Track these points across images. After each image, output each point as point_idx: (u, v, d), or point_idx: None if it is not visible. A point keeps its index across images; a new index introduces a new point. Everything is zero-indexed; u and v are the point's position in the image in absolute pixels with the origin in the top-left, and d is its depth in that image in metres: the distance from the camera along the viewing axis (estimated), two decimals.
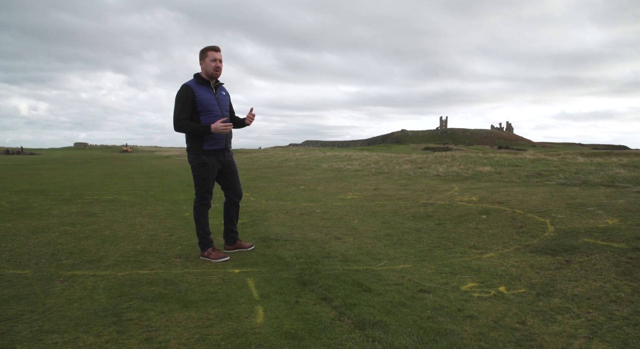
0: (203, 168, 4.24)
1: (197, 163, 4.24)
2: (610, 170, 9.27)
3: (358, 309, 2.99)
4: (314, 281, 3.59)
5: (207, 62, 4.19)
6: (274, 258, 4.33)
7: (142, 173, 18.42)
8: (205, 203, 4.36)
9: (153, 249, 4.59)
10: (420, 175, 12.29)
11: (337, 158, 24.88)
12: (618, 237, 4.40)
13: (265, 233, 5.52)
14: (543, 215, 5.68)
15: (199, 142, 4.20)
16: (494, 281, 3.54)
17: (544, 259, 4.04)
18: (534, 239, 4.73)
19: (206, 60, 4.19)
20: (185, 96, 4.10)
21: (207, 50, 4.20)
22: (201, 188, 4.30)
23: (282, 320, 2.81)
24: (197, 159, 4.23)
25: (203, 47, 4.24)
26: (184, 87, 4.14)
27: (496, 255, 4.30)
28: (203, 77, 4.25)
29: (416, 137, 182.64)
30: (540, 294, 3.23)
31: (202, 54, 4.22)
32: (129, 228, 5.71)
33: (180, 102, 4.10)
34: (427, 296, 3.26)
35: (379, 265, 4.11)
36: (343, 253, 4.51)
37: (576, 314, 2.86)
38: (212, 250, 4.32)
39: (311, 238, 5.23)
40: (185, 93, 4.10)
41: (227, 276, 3.73)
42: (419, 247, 4.72)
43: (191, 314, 2.84)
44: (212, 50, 4.20)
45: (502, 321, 2.80)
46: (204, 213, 4.36)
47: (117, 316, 2.77)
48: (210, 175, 4.29)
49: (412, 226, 5.77)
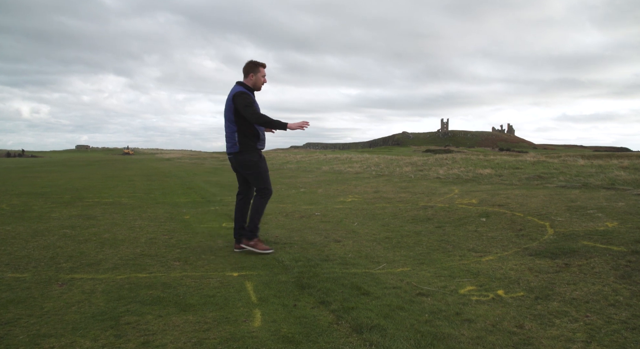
0: (261, 163, 4.73)
1: (256, 160, 4.67)
2: (611, 173, 9.26)
3: (356, 312, 2.98)
4: (312, 284, 3.59)
5: (259, 77, 4.70)
6: (273, 261, 4.33)
7: (143, 176, 18.44)
8: (269, 194, 4.84)
9: (152, 252, 4.59)
10: (420, 177, 12.29)
11: (338, 161, 24.89)
12: (617, 240, 4.40)
13: (264, 236, 5.51)
14: (543, 218, 5.67)
15: (254, 141, 4.65)
16: (492, 285, 3.54)
17: (543, 262, 4.03)
18: (533, 242, 4.73)
19: (258, 75, 4.69)
20: (250, 99, 4.58)
21: (259, 66, 4.70)
22: (266, 182, 4.77)
23: (279, 324, 2.80)
24: (254, 156, 4.65)
25: (254, 61, 4.71)
26: (245, 93, 4.58)
27: (495, 258, 4.30)
28: (249, 86, 4.70)
29: (417, 139, 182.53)
30: (539, 298, 3.22)
31: (255, 68, 4.69)
32: (129, 231, 5.71)
33: (253, 103, 4.57)
34: (425, 299, 3.26)
35: (377, 268, 4.10)
36: (342, 256, 4.51)
37: (574, 318, 2.86)
38: (259, 240, 4.71)
39: (310, 241, 5.23)
40: (250, 97, 4.59)
41: (226, 279, 3.73)
42: (418, 250, 4.72)
43: (189, 318, 2.84)
44: (263, 67, 4.73)
45: (500, 324, 2.79)
46: (265, 205, 4.85)
47: (115, 320, 2.77)
48: (267, 167, 4.81)
49: (412, 229, 5.77)
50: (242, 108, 4.48)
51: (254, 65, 4.69)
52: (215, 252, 4.67)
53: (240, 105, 4.49)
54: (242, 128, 4.59)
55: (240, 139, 4.60)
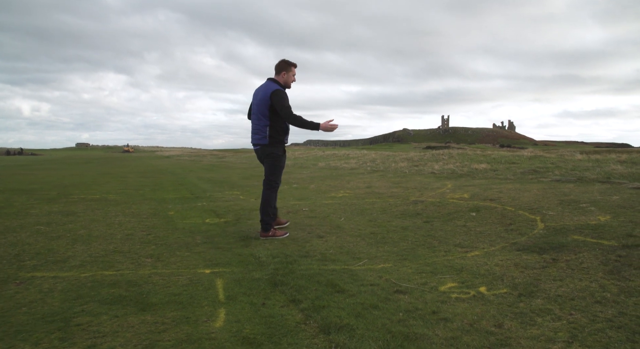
0: (283, 157, 5.13)
1: (280, 154, 5.05)
2: (607, 167, 9.07)
3: (326, 311, 2.82)
4: (285, 281, 3.42)
5: (290, 76, 5.05)
6: (250, 257, 4.16)
7: (138, 173, 18.28)
8: (276, 187, 5.16)
9: (125, 249, 4.42)
10: (415, 172, 12.10)
11: (336, 157, 24.73)
12: (609, 234, 4.22)
13: (246, 232, 5.35)
14: (534, 212, 5.50)
15: (282, 136, 5.01)
16: (475, 281, 3.36)
17: (530, 257, 3.85)
18: (522, 237, 4.55)
19: (289, 74, 5.04)
20: (287, 96, 4.92)
21: (291, 65, 5.06)
22: (277, 176, 5.12)
23: (243, 324, 2.64)
24: (279, 150, 5.03)
25: (287, 60, 5.04)
26: (283, 91, 4.91)
27: (481, 253, 4.12)
28: (281, 83, 5.03)
29: (418, 135, 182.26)
30: (522, 295, 3.05)
31: (287, 67, 5.03)
32: (106, 227, 5.54)
33: (287, 101, 4.87)
34: (402, 297, 3.08)
35: (357, 264, 3.93)
36: (322, 252, 4.33)
37: (558, 316, 2.68)
38: (275, 230, 5.07)
39: (292, 236, 5.05)
40: (286, 95, 4.91)
41: (196, 276, 3.56)
42: (403, 246, 4.54)
43: (146, 318, 2.67)
44: (294, 66, 5.09)
45: (478, 324, 2.62)
46: (274, 196, 5.16)
47: (65, 321, 2.60)
48: (284, 163, 5.21)
49: (399, 224, 5.60)
50: (279, 107, 4.78)
51: (287, 65, 5.03)
52: (191, 248, 4.50)
53: (278, 104, 4.78)
54: (275, 123, 4.92)
55: (270, 133, 4.93)
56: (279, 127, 4.96)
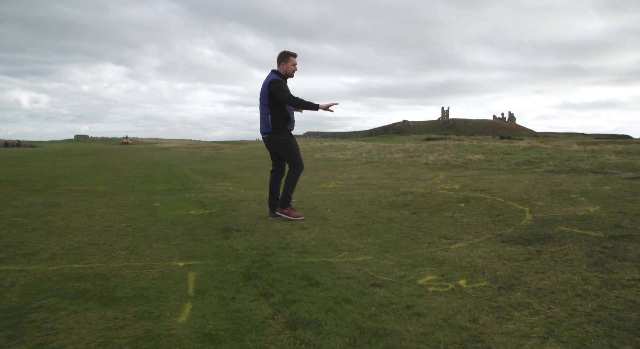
0: (292, 141, 5.36)
1: (287, 139, 5.31)
2: (602, 157, 8.94)
3: (297, 306, 2.71)
4: (260, 274, 3.31)
5: (289, 65, 5.27)
6: (227, 249, 4.05)
7: (132, 165, 18.16)
8: (301, 169, 5.46)
9: (101, 241, 4.31)
10: (409, 163, 11.98)
11: (332, 148, 24.60)
12: (596, 225, 4.11)
13: (228, 223, 5.23)
14: (523, 203, 5.38)
15: (284, 123, 5.28)
16: (455, 274, 3.25)
17: (514, 249, 3.74)
18: (508, 228, 4.44)
19: (288, 64, 5.26)
20: (285, 85, 5.20)
21: (289, 56, 5.27)
22: (297, 158, 5.40)
23: (207, 319, 2.53)
24: (285, 136, 5.29)
25: (285, 51, 5.28)
26: (280, 81, 5.16)
27: (465, 245, 4.01)
28: (282, 74, 5.28)
29: (418, 127, 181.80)
30: (502, 288, 2.94)
31: (285, 57, 5.27)
32: (87, 219, 5.43)
33: (286, 89, 5.17)
34: (378, 291, 2.98)
35: (337, 256, 3.82)
36: (303, 244, 4.23)
37: (536, 310, 2.57)
38: (291, 208, 5.39)
39: (275, 228, 4.94)
40: (283, 84, 5.16)
41: (169, 269, 3.46)
42: (387, 237, 4.43)
43: (106, 314, 2.56)
44: (294, 56, 5.30)
45: (452, 319, 2.51)
46: (297, 179, 5.46)
47: (19, 318, 2.49)
48: (297, 145, 5.48)
49: (386, 215, 5.48)
50: (276, 93, 5.08)
51: (285, 55, 5.26)
52: (169, 240, 4.39)
53: (276, 92, 5.08)
54: (275, 111, 5.21)
55: (273, 120, 5.22)
56: (280, 114, 5.23)
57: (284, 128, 5.29)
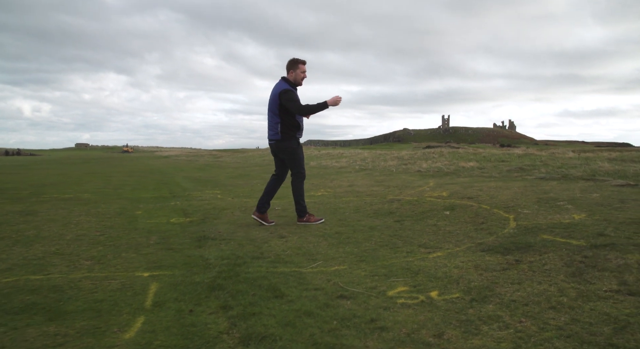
0: (299, 149, 5.43)
1: (295, 147, 5.37)
2: (595, 164, 8.81)
3: (255, 319, 2.57)
4: (225, 286, 3.18)
5: (298, 73, 5.29)
6: (198, 259, 3.91)
7: (127, 172, 18.06)
8: (303, 177, 5.54)
9: (68, 250, 4.18)
10: (402, 171, 11.85)
11: (329, 156, 24.50)
12: (579, 233, 3.97)
13: (206, 231, 5.10)
14: (509, 211, 5.25)
15: (294, 132, 5.33)
16: (428, 285, 3.11)
17: (492, 259, 3.60)
18: (490, 236, 4.30)
19: (297, 71, 5.28)
20: (296, 95, 5.23)
21: (299, 63, 5.28)
22: (300, 167, 5.47)
23: (157, 335, 2.39)
24: (293, 144, 5.36)
25: (294, 58, 5.28)
26: (290, 90, 5.19)
27: (444, 254, 3.87)
28: (291, 81, 5.30)
29: (418, 135, 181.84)
30: (475, 300, 2.80)
31: (294, 65, 5.28)
32: (61, 227, 5.30)
33: (296, 98, 5.21)
34: (344, 303, 2.84)
35: (310, 266, 3.68)
36: (278, 253, 4.09)
37: (506, 324, 2.43)
38: (309, 215, 5.48)
39: (252, 237, 4.81)
40: (293, 93, 5.20)
41: (131, 280, 3.32)
42: (365, 246, 4.29)
43: (49, 330, 2.42)
44: (303, 63, 5.31)
45: (416, 333, 2.37)
46: (303, 186, 5.54)
47: None
48: (303, 154, 5.50)
49: (368, 223, 5.34)
50: (287, 104, 5.12)
51: (294, 63, 5.27)
52: (140, 250, 4.25)
53: (286, 101, 5.12)
54: (285, 120, 5.24)
55: (282, 129, 5.26)
56: (290, 123, 5.26)
57: (293, 137, 5.34)
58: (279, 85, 5.27)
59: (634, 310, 2.46)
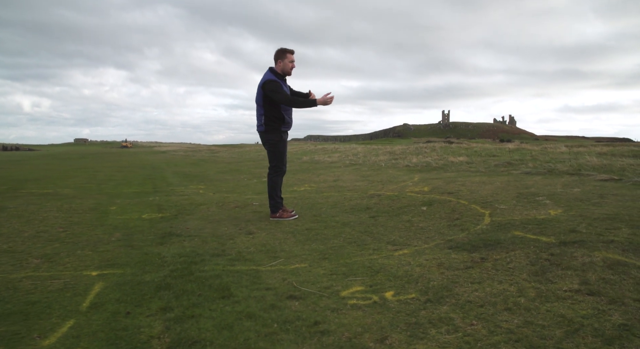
0: (281, 143, 5.27)
1: (277, 140, 5.22)
2: (583, 158, 8.64)
3: (192, 322, 2.42)
4: (173, 285, 3.03)
5: (286, 63, 5.10)
6: (155, 257, 3.76)
7: (117, 167, 17.89)
8: (280, 172, 5.36)
9: (20, 248, 4.03)
10: (390, 166, 11.69)
11: (324, 151, 24.31)
12: (551, 230, 3.82)
13: (174, 228, 4.95)
14: (486, 206, 5.09)
15: (279, 124, 5.17)
16: (385, 285, 2.96)
17: (458, 256, 3.45)
18: (462, 233, 4.15)
19: (285, 61, 5.10)
20: (280, 86, 5.00)
21: (286, 52, 5.09)
22: (279, 161, 5.30)
23: (81, 340, 2.24)
24: (277, 137, 5.21)
25: (282, 48, 5.09)
26: (274, 81, 5.00)
27: (410, 251, 3.72)
28: (279, 72, 5.13)
29: (418, 130, 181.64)
30: (429, 301, 2.65)
31: (282, 54, 5.09)
32: (23, 224, 5.14)
33: (281, 90, 5.00)
34: (292, 304, 2.69)
35: (269, 264, 3.53)
36: (240, 251, 3.94)
37: (456, 327, 2.28)
38: (283, 210, 5.32)
39: (220, 233, 4.66)
40: (278, 84, 4.99)
41: (76, 280, 3.17)
42: (332, 243, 4.14)
43: None
44: (291, 53, 5.13)
45: (358, 338, 2.22)
46: (279, 181, 5.36)
47: None
48: (285, 149, 5.37)
49: (342, 219, 5.19)
50: (271, 95, 4.96)
51: (282, 52, 5.09)
52: (98, 247, 4.11)
53: (270, 92, 4.96)
54: (269, 112, 5.10)
55: (266, 121, 5.13)
56: (273, 115, 5.12)
57: (277, 129, 5.21)
58: (265, 76, 5.13)
59: (590, 311, 2.31)
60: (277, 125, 5.20)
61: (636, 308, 2.31)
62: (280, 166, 5.36)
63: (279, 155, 5.33)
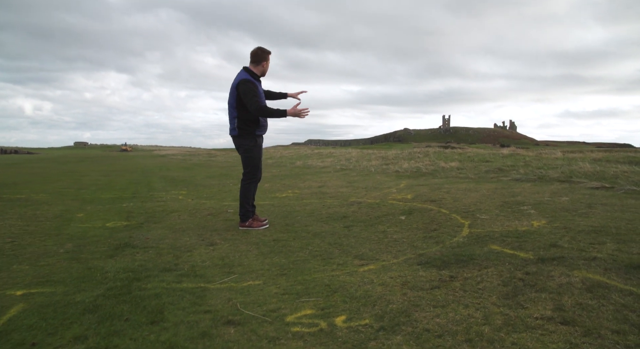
0: (255, 149, 4.97)
1: (251, 146, 4.91)
2: (576, 165, 8.31)
3: None
4: (101, 307, 2.71)
5: (265, 64, 4.86)
6: (97, 272, 3.43)
7: (105, 172, 17.56)
8: (255, 179, 5.07)
9: None
10: (380, 171, 11.36)
11: (318, 156, 23.99)
12: (531, 244, 3.49)
13: (133, 238, 4.63)
14: (467, 216, 4.76)
15: (253, 128, 4.85)
16: (339, 308, 2.63)
17: (426, 274, 3.12)
18: (435, 246, 3.82)
19: (267, 63, 4.88)
20: (255, 88, 4.68)
21: (268, 54, 4.86)
22: (253, 167, 5.00)
23: None
24: (251, 142, 4.90)
25: (264, 48, 4.84)
26: (250, 81, 4.68)
27: (377, 267, 3.39)
28: (255, 73, 4.83)
29: (419, 135, 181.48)
30: (383, 329, 2.32)
31: (264, 55, 4.83)
32: None
33: (255, 93, 4.65)
34: (227, 332, 2.36)
35: (220, 281, 3.21)
36: (194, 265, 3.62)
37: None
38: (253, 220, 5.02)
39: (179, 244, 4.34)
40: (254, 86, 4.68)
41: None
42: (296, 257, 3.81)
43: None
44: (270, 54, 4.89)
45: None
46: (252, 188, 5.07)
47: None
48: (260, 154, 5.06)
49: (314, 229, 4.86)
50: (244, 97, 4.63)
51: (266, 53, 4.84)
52: (40, 261, 3.78)
53: (244, 93, 4.63)
54: (242, 114, 4.76)
55: (239, 124, 4.81)
56: (247, 118, 4.80)
57: (251, 133, 4.88)
58: (239, 75, 4.80)
59: (562, 345, 1.98)
60: (251, 128, 4.87)
61: (613, 342, 1.98)
62: (255, 172, 5.06)
63: (254, 161, 5.01)
